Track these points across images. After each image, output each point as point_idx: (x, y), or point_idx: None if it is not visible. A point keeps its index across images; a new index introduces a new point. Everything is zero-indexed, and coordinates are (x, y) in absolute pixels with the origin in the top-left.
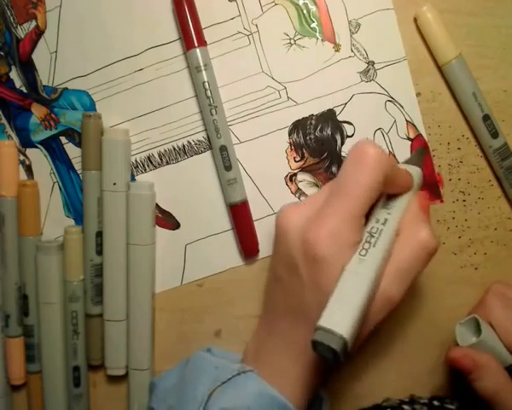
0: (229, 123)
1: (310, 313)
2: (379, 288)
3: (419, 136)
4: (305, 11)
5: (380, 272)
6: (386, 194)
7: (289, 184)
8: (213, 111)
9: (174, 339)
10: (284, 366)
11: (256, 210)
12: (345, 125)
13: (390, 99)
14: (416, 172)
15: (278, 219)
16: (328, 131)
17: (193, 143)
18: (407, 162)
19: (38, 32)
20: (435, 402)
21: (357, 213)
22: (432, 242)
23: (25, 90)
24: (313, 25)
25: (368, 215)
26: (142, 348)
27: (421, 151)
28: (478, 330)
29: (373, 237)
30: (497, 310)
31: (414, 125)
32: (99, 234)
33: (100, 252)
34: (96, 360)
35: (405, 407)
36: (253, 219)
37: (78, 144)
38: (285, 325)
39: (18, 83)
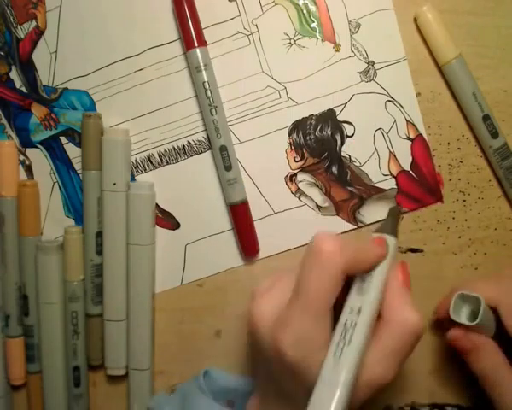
0: (229, 123)
1: (295, 398)
2: (369, 374)
3: (419, 136)
4: (305, 11)
5: (358, 366)
6: (360, 273)
7: (289, 184)
8: (213, 111)
9: (174, 339)
10: None
11: (256, 210)
12: (345, 125)
13: (390, 99)
14: (389, 241)
15: (250, 307)
16: (328, 131)
17: (193, 143)
18: (380, 231)
19: (38, 32)
20: None
21: (319, 312)
22: (419, 324)
23: (25, 90)
24: (313, 25)
25: (342, 302)
26: (142, 348)
27: (393, 212)
28: (475, 307)
29: (347, 331)
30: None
31: (414, 125)
32: (99, 234)
33: (100, 252)
34: (95, 360)
35: None
36: (253, 219)
37: (78, 144)
38: (275, 407)
39: (18, 83)
